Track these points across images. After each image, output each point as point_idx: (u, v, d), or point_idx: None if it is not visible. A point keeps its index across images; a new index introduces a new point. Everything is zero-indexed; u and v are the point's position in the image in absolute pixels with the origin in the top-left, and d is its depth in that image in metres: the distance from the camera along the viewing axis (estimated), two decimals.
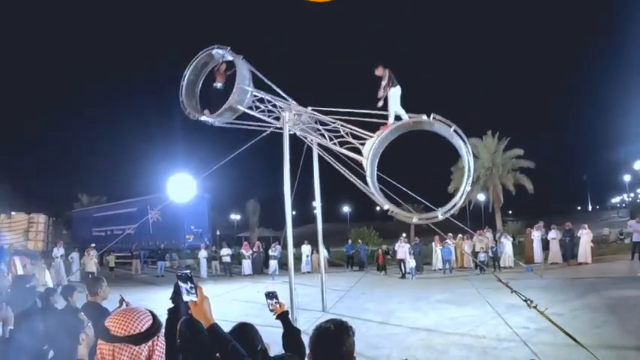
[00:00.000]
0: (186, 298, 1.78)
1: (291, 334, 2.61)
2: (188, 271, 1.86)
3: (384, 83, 8.87)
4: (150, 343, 1.33)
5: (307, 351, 1.78)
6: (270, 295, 2.79)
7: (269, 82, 9.87)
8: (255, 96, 9.86)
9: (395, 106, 8.88)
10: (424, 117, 8.64)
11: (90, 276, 14.73)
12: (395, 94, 8.87)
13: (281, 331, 2.68)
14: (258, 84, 9.96)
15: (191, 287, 1.76)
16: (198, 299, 1.76)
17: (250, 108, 9.88)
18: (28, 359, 3.12)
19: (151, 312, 1.42)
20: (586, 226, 16.49)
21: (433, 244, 18.27)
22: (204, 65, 10.66)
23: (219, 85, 10.22)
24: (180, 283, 1.76)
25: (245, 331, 2.31)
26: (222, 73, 10.25)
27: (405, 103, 9.01)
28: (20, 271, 10.18)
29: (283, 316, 2.70)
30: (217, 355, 1.84)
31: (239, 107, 9.76)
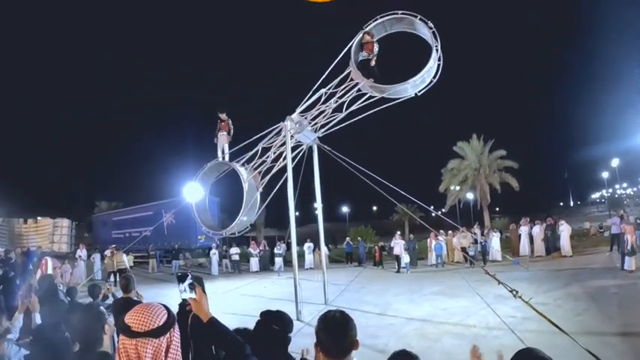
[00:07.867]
0: (184, 295, 1.76)
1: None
2: (187, 271, 1.85)
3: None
4: (168, 335, 1.33)
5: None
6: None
7: None
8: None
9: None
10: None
11: (120, 276, 14.81)
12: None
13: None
14: None
15: (190, 286, 1.76)
16: (197, 297, 1.76)
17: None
18: (54, 349, 3.13)
19: (164, 306, 1.42)
20: (563, 221, 16.42)
21: (428, 240, 18.05)
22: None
23: (364, 55, 9.37)
24: (179, 283, 1.75)
25: (279, 315, 2.34)
26: (370, 44, 9.30)
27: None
28: (50, 271, 10.23)
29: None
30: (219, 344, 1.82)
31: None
